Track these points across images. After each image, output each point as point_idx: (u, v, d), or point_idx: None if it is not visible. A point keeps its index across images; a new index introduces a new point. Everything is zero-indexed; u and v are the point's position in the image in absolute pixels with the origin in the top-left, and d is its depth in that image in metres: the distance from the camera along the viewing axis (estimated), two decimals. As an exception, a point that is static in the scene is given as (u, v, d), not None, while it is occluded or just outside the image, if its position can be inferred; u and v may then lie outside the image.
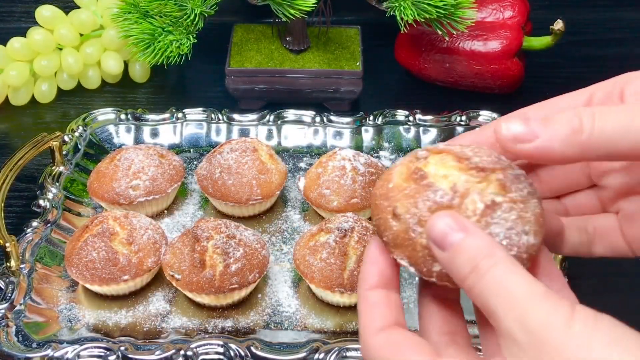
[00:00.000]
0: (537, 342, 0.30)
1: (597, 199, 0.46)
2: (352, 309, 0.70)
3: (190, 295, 0.69)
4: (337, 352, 0.63)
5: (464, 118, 0.89)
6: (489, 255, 0.33)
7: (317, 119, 0.90)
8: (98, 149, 0.88)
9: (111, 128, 0.89)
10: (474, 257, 0.33)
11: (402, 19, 0.81)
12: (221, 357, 0.64)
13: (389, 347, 0.35)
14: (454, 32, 0.84)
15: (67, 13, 0.96)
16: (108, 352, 0.63)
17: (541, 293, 0.31)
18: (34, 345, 0.64)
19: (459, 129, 0.88)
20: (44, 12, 0.94)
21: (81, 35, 0.96)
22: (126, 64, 1.01)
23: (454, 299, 0.41)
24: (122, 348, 0.63)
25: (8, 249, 0.70)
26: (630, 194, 0.44)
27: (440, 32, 0.84)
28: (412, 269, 0.38)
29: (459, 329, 0.39)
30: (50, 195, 0.79)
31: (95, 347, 0.64)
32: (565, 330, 0.30)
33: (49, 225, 0.76)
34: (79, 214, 0.80)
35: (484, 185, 0.37)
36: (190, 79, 1.04)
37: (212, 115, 0.90)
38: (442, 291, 0.40)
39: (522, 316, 0.31)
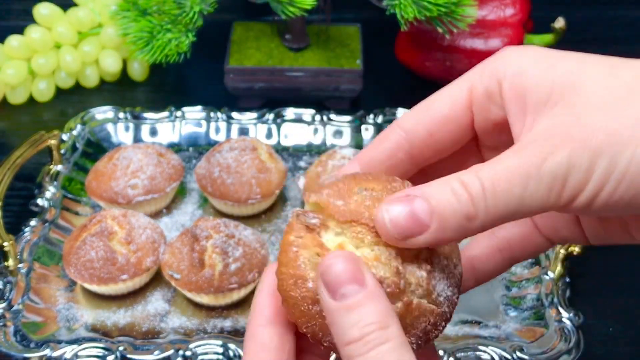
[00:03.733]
0: None
1: None
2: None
3: (189, 295, 0.68)
4: (337, 353, 0.63)
5: (464, 116, 0.88)
6: (383, 326, 0.29)
7: (317, 117, 0.89)
8: (96, 147, 0.87)
9: (109, 127, 0.89)
10: (367, 324, 0.29)
11: (402, 16, 0.81)
12: (220, 357, 0.63)
13: None
14: (455, 30, 0.84)
15: (65, 11, 0.95)
16: (107, 352, 0.63)
17: None
18: (32, 345, 0.64)
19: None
20: (42, 10, 0.94)
21: (79, 33, 0.96)
22: (125, 62, 1.00)
23: None
24: (121, 348, 0.63)
25: (6, 249, 0.70)
26: None
27: (441, 30, 0.84)
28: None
29: None
30: (48, 195, 0.79)
31: (93, 347, 0.63)
32: None
33: (47, 224, 0.76)
34: (77, 213, 0.80)
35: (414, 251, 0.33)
36: (189, 77, 1.04)
37: (211, 114, 0.90)
38: None
39: None
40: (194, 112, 0.90)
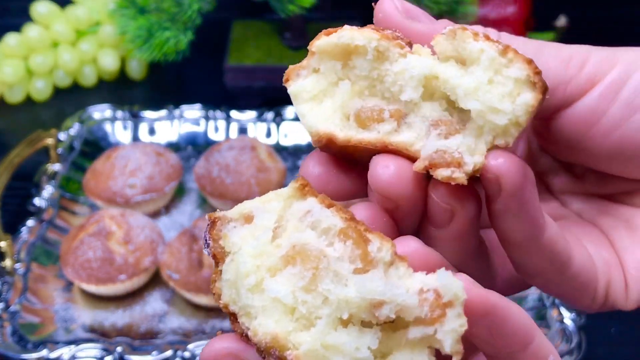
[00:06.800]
0: None
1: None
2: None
3: (188, 295, 0.68)
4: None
5: (465, 115, 0.88)
6: None
7: (317, 116, 0.89)
8: (94, 147, 0.87)
9: (107, 125, 0.88)
10: None
11: (402, 15, 0.81)
12: (219, 358, 0.63)
13: None
14: (455, 29, 0.83)
15: (63, 9, 0.95)
16: (105, 353, 0.62)
17: None
18: (30, 346, 0.63)
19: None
20: (39, 8, 0.93)
21: (77, 31, 0.95)
22: (123, 61, 1.00)
23: None
24: (119, 349, 0.63)
25: (3, 249, 0.69)
26: None
27: (441, 29, 0.83)
28: None
29: None
30: (45, 194, 0.78)
31: (91, 348, 0.63)
32: None
33: (44, 224, 0.75)
34: (74, 213, 0.79)
35: None
36: (188, 75, 1.03)
37: (210, 113, 0.89)
38: None
39: None
40: (193, 111, 0.89)
